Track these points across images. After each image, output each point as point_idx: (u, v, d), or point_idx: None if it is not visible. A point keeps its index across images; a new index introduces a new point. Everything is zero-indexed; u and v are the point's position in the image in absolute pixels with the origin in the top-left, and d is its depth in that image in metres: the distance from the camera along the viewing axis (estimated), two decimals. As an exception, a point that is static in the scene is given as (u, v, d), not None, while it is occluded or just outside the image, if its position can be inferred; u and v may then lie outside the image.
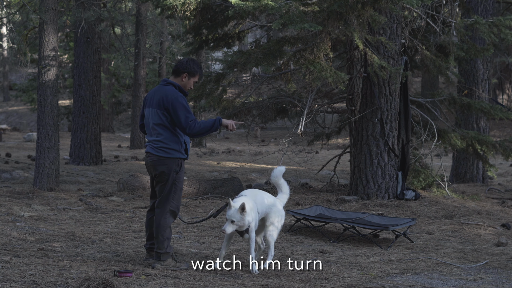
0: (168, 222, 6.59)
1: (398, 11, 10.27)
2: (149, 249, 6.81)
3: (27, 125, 33.76)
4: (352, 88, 11.27)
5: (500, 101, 28.48)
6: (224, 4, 10.99)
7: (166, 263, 6.56)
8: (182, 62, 6.68)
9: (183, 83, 6.67)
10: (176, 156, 6.56)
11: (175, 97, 6.50)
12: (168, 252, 6.58)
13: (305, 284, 6.21)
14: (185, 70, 6.64)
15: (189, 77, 6.67)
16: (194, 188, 11.58)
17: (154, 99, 6.59)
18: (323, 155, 20.75)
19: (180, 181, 6.62)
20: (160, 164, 6.54)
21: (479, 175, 14.13)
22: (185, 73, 6.64)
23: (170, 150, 6.54)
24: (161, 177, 6.57)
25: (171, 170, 6.54)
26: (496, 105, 12.97)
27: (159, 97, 6.55)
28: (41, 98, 11.59)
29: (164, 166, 6.53)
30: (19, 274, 6.01)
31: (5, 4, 21.43)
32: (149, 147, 6.64)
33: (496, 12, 16.20)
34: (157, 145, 6.55)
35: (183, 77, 6.66)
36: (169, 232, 6.60)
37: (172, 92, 6.53)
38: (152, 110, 6.57)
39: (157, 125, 6.54)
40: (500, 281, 6.65)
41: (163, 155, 6.54)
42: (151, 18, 23.27)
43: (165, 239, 6.55)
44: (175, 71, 6.69)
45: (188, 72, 6.65)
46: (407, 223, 8.52)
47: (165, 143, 6.53)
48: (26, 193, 11.05)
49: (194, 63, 6.69)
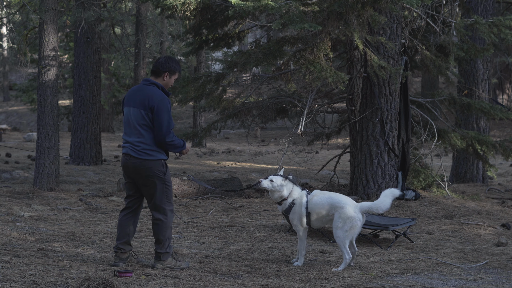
0: (169, 223, 6.55)
1: (398, 11, 10.27)
2: (118, 250, 6.61)
3: (27, 125, 33.75)
4: (352, 88, 11.27)
5: (500, 101, 28.47)
6: (224, 4, 10.99)
7: (166, 262, 6.54)
8: (161, 62, 6.59)
9: (165, 82, 6.59)
10: (159, 157, 6.44)
11: (161, 98, 6.41)
12: (168, 251, 6.57)
13: (305, 284, 6.21)
14: (165, 69, 6.57)
15: (170, 76, 6.61)
16: (194, 188, 11.58)
17: (137, 98, 6.45)
18: (323, 155, 20.75)
19: (169, 180, 6.55)
20: (143, 167, 6.40)
21: (479, 175, 14.13)
22: (166, 72, 6.58)
23: (153, 152, 6.41)
24: (147, 180, 6.44)
25: (158, 172, 6.43)
26: (496, 105, 12.98)
27: (143, 97, 6.42)
28: (41, 98, 11.59)
29: (149, 169, 6.40)
30: (19, 274, 6.01)
31: (5, 4, 21.43)
32: (130, 149, 6.45)
33: (496, 12, 16.19)
34: (139, 147, 6.40)
35: (164, 77, 6.58)
36: (169, 232, 6.58)
37: (158, 93, 6.44)
38: (135, 109, 6.42)
39: (140, 126, 6.39)
40: (500, 281, 6.65)
41: (146, 157, 6.39)
42: (151, 18, 23.27)
43: (166, 239, 6.53)
44: (155, 72, 6.59)
45: (169, 71, 6.59)
46: (407, 223, 8.52)
47: (147, 145, 6.39)
48: (26, 193, 11.05)
49: (173, 61, 6.62)
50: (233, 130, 28.67)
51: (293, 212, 7.00)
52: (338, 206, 6.91)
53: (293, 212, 7.00)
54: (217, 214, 10.13)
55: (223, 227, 9.09)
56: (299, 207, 6.98)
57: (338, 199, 6.96)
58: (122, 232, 6.64)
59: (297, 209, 6.98)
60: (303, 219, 6.98)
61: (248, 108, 12.45)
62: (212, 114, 14.34)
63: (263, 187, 6.97)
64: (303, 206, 6.97)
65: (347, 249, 6.85)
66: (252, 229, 8.98)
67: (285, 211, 7.04)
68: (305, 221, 6.98)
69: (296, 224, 7.01)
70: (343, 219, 6.85)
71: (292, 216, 7.01)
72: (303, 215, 6.97)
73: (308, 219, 6.99)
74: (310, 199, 7.01)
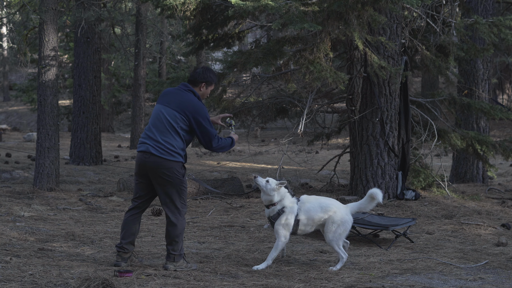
0: (183, 224, 6.55)
1: (398, 11, 10.27)
2: (121, 249, 6.61)
3: (27, 125, 33.74)
4: (352, 88, 11.27)
5: (500, 101, 28.48)
6: (224, 4, 10.98)
7: (178, 264, 6.54)
8: (198, 72, 6.62)
9: (201, 93, 6.63)
10: (180, 160, 6.47)
11: (201, 107, 6.47)
12: (182, 253, 6.58)
13: (305, 284, 6.21)
14: (202, 80, 6.61)
15: (206, 87, 6.65)
16: (194, 188, 11.58)
17: (175, 101, 6.47)
18: (323, 155, 20.75)
19: (186, 183, 6.59)
20: (165, 167, 6.38)
21: (479, 175, 14.13)
22: (203, 83, 6.61)
23: (176, 154, 6.42)
24: (164, 180, 6.42)
25: (177, 173, 6.43)
26: (496, 105, 12.97)
27: (182, 101, 6.45)
28: (41, 98, 11.59)
29: (169, 169, 6.39)
30: (19, 274, 6.01)
31: (5, 4, 21.43)
32: (151, 147, 6.41)
33: (496, 12, 16.20)
34: (162, 147, 6.38)
35: (201, 87, 6.62)
36: (182, 233, 6.58)
37: (197, 102, 6.50)
38: (171, 111, 6.43)
39: (171, 127, 6.41)
40: (500, 281, 6.65)
41: (169, 158, 6.38)
42: (151, 18, 23.26)
43: (180, 241, 6.54)
44: (193, 81, 6.61)
45: (206, 82, 6.62)
46: (407, 223, 8.52)
47: (172, 146, 6.40)
48: (26, 193, 11.05)
49: (211, 72, 6.66)
50: (233, 130, 28.63)
51: (280, 220, 6.82)
52: (331, 210, 6.90)
53: (280, 220, 6.82)
54: (217, 214, 10.13)
55: (223, 227, 9.09)
56: (290, 215, 6.83)
57: (329, 204, 6.95)
58: (127, 232, 6.65)
59: (286, 217, 6.81)
60: (290, 228, 6.83)
61: (248, 108, 12.45)
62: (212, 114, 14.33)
63: (257, 183, 6.89)
64: (294, 215, 6.84)
65: (342, 250, 6.87)
66: (252, 229, 8.98)
67: (272, 217, 6.86)
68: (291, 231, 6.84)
69: (281, 233, 6.81)
70: (336, 223, 6.87)
71: (278, 223, 6.82)
72: (291, 225, 6.83)
73: (296, 227, 6.86)
74: (300, 206, 6.90)
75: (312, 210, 6.90)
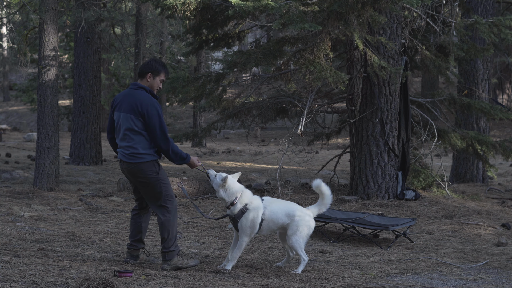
0: (171, 220, 6.54)
1: (398, 11, 10.27)
2: (131, 247, 6.75)
3: (27, 125, 33.74)
4: (352, 88, 11.27)
5: (500, 101, 28.46)
6: (224, 4, 10.99)
7: (173, 262, 6.53)
8: (144, 64, 6.65)
9: (149, 84, 6.61)
10: (149, 159, 6.48)
11: (151, 103, 6.44)
12: (173, 250, 6.54)
13: (305, 284, 6.21)
14: (147, 70, 6.60)
15: (153, 77, 6.61)
16: (194, 188, 11.58)
17: (126, 104, 6.49)
18: (323, 155, 20.75)
19: (165, 178, 6.57)
20: (136, 171, 6.47)
21: (479, 175, 14.13)
22: (149, 73, 6.60)
23: (142, 155, 6.45)
24: (142, 183, 6.52)
25: (151, 172, 6.48)
26: (496, 105, 12.97)
27: (132, 102, 6.46)
28: (41, 98, 11.59)
29: (141, 172, 6.46)
30: (19, 274, 6.01)
31: (5, 4, 21.42)
32: (121, 154, 6.56)
33: (496, 12, 16.18)
34: (128, 152, 6.47)
35: (147, 78, 6.60)
36: (173, 230, 6.55)
37: (147, 98, 6.47)
38: (124, 115, 6.47)
39: (129, 131, 6.45)
40: (500, 281, 6.65)
41: (136, 161, 6.46)
42: (151, 18, 23.24)
43: (170, 238, 6.52)
44: (140, 73, 6.63)
45: (152, 72, 6.60)
46: (407, 223, 8.52)
47: (135, 149, 6.44)
48: (26, 193, 11.05)
49: (156, 62, 6.64)
50: (233, 130, 28.67)
51: (246, 218, 6.63)
52: (295, 214, 6.79)
53: (246, 218, 6.64)
54: (217, 214, 10.13)
55: (223, 227, 9.09)
56: (256, 213, 6.66)
57: (294, 208, 6.85)
58: (134, 230, 6.77)
59: (252, 215, 6.64)
60: (256, 226, 6.68)
61: (248, 108, 12.45)
62: (212, 114, 14.35)
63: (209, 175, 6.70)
64: (260, 212, 6.69)
65: (304, 252, 6.79)
66: (252, 229, 8.97)
67: (236, 215, 6.64)
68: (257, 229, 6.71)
69: (247, 231, 6.64)
70: (301, 226, 6.76)
71: (245, 222, 6.62)
72: (257, 223, 6.68)
73: (260, 226, 6.71)
74: (266, 206, 6.74)
75: (278, 213, 6.76)
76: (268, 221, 6.75)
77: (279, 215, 6.77)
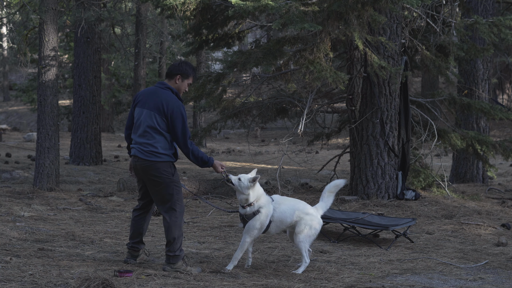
0: (178, 224, 6.51)
1: (398, 11, 10.27)
2: (131, 248, 6.74)
3: (27, 125, 33.73)
4: (352, 88, 11.27)
5: (500, 101, 28.46)
6: (224, 4, 10.99)
7: (176, 266, 6.48)
8: (174, 65, 6.63)
9: (177, 86, 6.61)
10: (166, 160, 6.46)
11: (177, 105, 6.43)
12: (178, 254, 6.50)
13: (305, 284, 6.21)
14: (177, 72, 6.59)
15: (182, 79, 6.61)
16: (194, 188, 11.58)
17: (151, 101, 6.46)
18: (323, 155, 20.75)
19: (178, 181, 6.56)
20: (151, 169, 6.42)
21: (479, 175, 14.13)
22: (178, 75, 6.59)
23: (160, 154, 6.42)
24: (154, 182, 6.45)
25: (165, 173, 6.43)
26: (496, 105, 12.97)
27: (158, 101, 6.43)
28: (41, 98, 11.59)
29: (156, 170, 6.41)
30: (19, 274, 6.01)
31: (5, 4, 21.42)
32: (137, 150, 6.47)
33: (496, 12, 16.18)
34: (147, 149, 6.42)
35: (176, 79, 6.59)
36: (179, 233, 6.52)
37: (173, 99, 6.45)
38: (148, 112, 6.44)
39: (150, 128, 6.42)
40: (500, 281, 6.65)
41: (153, 159, 6.41)
42: (151, 18, 23.25)
43: (176, 242, 6.48)
44: (169, 74, 6.62)
45: (181, 74, 6.59)
46: (407, 223, 8.52)
47: (155, 147, 6.41)
48: (26, 193, 11.05)
49: (187, 65, 6.63)
50: (233, 130, 28.66)
51: (255, 220, 6.64)
52: (304, 212, 6.78)
53: (256, 220, 6.64)
54: (217, 214, 10.13)
55: (223, 227, 9.09)
56: (265, 217, 6.67)
57: (303, 206, 6.84)
58: (135, 232, 6.73)
59: (262, 218, 6.64)
60: (263, 229, 6.69)
61: (248, 108, 12.45)
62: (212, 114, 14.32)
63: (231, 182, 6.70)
64: (269, 216, 6.69)
65: (307, 254, 6.77)
66: (252, 229, 8.97)
67: (247, 216, 6.66)
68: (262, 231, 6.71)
69: (252, 233, 6.65)
70: (309, 225, 6.76)
71: (253, 224, 6.63)
72: (265, 226, 6.69)
73: (267, 228, 6.71)
74: (276, 207, 6.73)
75: (287, 212, 6.75)
76: (276, 222, 6.74)
77: (287, 214, 6.75)
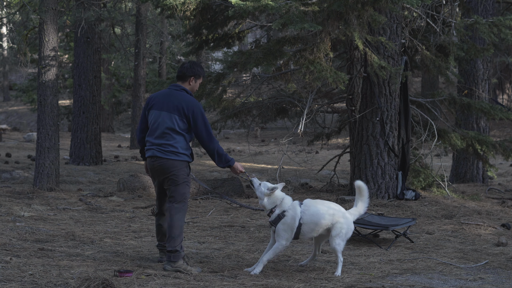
0: (182, 221, 6.61)
1: (398, 11, 10.27)
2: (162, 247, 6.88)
3: (27, 125, 33.74)
4: (352, 88, 11.27)
5: (500, 101, 28.46)
6: (224, 4, 10.99)
7: (176, 264, 6.51)
8: (187, 67, 6.73)
9: (191, 87, 6.76)
10: (185, 159, 6.62)
11: (196, 105, 6.59)
12: (179, 251, 6.54)
13: (305, 284, 6.21)
14: (191, 74, 6.72)
15: (195, 80, 6.76)
16: (194, 188, 11.58)
17: (169, 103, 6.57)
18: (323, 155, 20.75)
19: (190, 182, 6.74)
20: (171, 166, 6.55)
21: (479, 175, 14.13)
22: (192, 77, 6.73)
23: (180, 154, 6.58)
24: (171, 180, 6.58)
25: (183, 172, 6.59)
26: (496, 105, 12.97)
27: (176, 103, 6.55)
28: (41, 98, 11.59)
29: (175, 168, 6.56)
30: (19, 274, 6.01)
31: (5, 4, 21.42)
32: (156, 150, 6.58)
33: (496, 12, 16.19)
34: (167, 149, 6.55)
35: (190, 81, 6.74)
36: (181, 230, 6.60)
37: (192, 100, 6.61)
38: (168, 114, 6.55)
39: (170, 130, 6.54)
40: (500, 281, 6.65)
41: (174, 158, 6.55)
42: (151, 18, 23.27)
43: (177, 237, 6.54)
44: (181, 76, 6.73)
45: (195, 76, 6.74)
46: (407, 223, 8.52)
47: (175, 148, 6.55)
48: (26, 193, 11.05)
49: (198, 66, 6.79)
50: (233, 130, 28.67)
51: (282, 224, 6.59)
52: (340, 215, 6.77)
53: (283, 223, 6.59)
54: (217, 214, 10.13)
55: (223, 227, 9.09)
56: (292, 219, 6.59)
57: (338, 209, 6.82)
58: (159, 234, 6.91)
59: (288, 221, 6.58)
60: (293, 232, 6.62)
61: (248, 108, 12.45)
62: (212, 114, 14.33)
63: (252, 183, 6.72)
64: (297, 218, 6.62)
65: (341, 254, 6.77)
66: (252, 229, 8.98)
67: (273, 221, 6.63)
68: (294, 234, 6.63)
69: (283, 237, 6.59)
70: (345, 229, 6.75)
71: (282, 227, 6.58)
72: (294, 228, 6.61)
73: (298, 231, 6.63)
74: (305, 210, 6.66)
75: (320, 214, 6.68)
76: (308, 224, 6.64)
77: (320, 216, 6.68)
